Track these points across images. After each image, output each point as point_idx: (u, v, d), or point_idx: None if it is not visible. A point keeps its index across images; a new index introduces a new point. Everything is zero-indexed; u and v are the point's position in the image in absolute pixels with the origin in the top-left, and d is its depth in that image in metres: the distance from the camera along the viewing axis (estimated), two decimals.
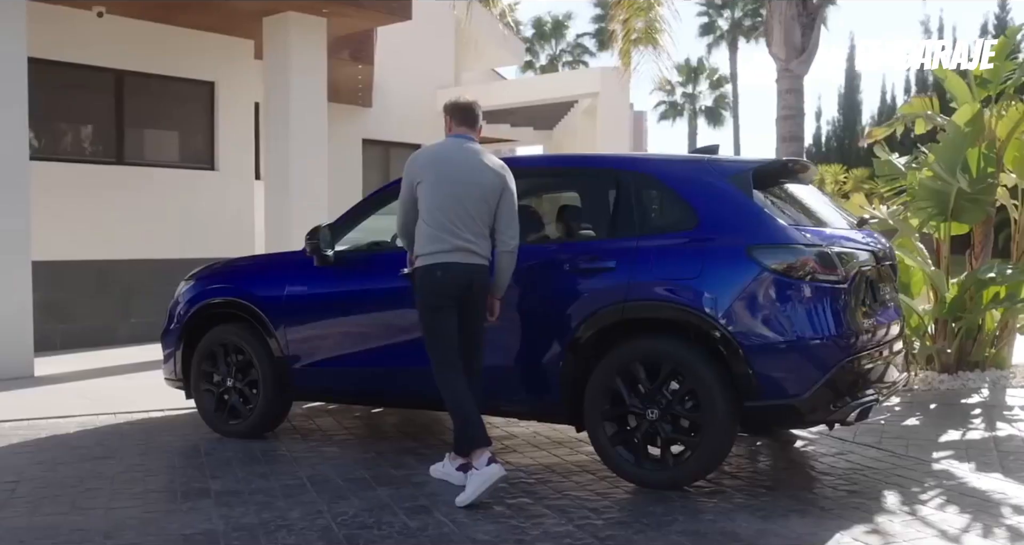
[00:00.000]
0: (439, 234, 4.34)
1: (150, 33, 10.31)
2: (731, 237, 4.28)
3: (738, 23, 43.14)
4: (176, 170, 10.73)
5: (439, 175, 4.38)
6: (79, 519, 4.01)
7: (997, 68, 7.61)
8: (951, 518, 3.90)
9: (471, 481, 4.15)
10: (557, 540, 3.65)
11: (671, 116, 45.51)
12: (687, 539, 3.64)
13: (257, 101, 11.40)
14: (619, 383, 4.39)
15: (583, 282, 4.52)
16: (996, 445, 5.22)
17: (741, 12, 43.02)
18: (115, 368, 8.52)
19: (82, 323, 9.86)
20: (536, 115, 21.10)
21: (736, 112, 44.20)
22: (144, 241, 10.32)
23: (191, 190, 10.76)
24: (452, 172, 4.39)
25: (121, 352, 9.50)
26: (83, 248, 9.84)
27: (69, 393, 7.20)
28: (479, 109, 4.64)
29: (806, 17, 7.55)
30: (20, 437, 5.73)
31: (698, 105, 45.32)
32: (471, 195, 4.37)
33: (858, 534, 3.69)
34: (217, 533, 3.78)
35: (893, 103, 35.18)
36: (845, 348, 4.17)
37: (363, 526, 3.85)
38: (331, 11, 9.83)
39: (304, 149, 9.95)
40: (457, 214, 4.34)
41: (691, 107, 45.33)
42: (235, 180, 11.18)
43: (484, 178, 4.42)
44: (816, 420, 4.25)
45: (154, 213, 10.40)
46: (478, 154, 4.51)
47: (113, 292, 10.12)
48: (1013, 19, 31.02)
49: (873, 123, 35.71)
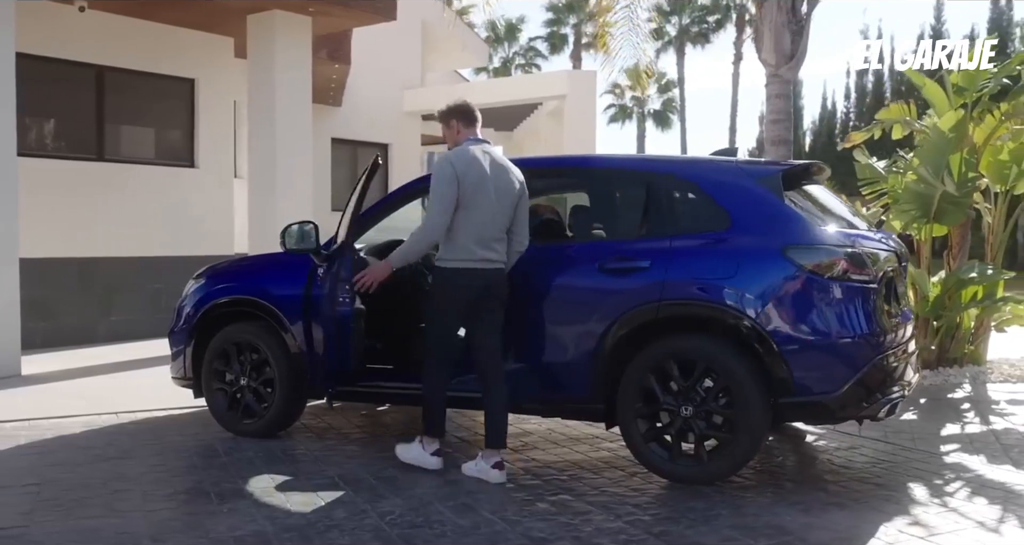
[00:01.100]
0: (473, 247, 4.41)
1: (131, 29, 10.01)
2: (765, 238, 4.30)
3: (685, 29, 43.56)
4: (156, 167, 10.44)
5: (477, 188, 4.40)
6: (119, 522, 3.86)
7: (972, 76, 7.78)
8: (982, 509, 3.96)
9: (414, 449, 4.63)
10: (612, 536, 3.62)
11: (620, 119, 45.82)
12: (738, 533, 3.64)
13: (236, 99, 11.17)
14: (652, 381, 4.38)
15: (617, 281, 4.49)
16: (997, 438, 5.33)
17: (688, 19, 43.42)
18: (102, 367, 8.26)
19: (62, 321, 9.55)
20: (498, 117, 21.05)
21: (683, 115, 44.70)
22: (124, 238, 10.03)
23: (171, 187, 10.49)
24: (487, 184, 4.42)
25: (104, 350, 9.21)
26: (63, 245, 9.53)
27: (63, 392, 6.95)
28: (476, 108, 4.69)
29: (795, 24, 7.65)
30: (25, 438, 5.51)
31: (647, 108, 45.70)
32: (504, 205, 4.49)
33: (901, 526, 3.73)
34: (267, 534, 3.67)
35: (833, 109, 35.86)
36: (876, 346, 4.22)
37: (414, 525, 3.77)
38: (317, 10, 9.67)
39: (289, 148, 9.77)
40: (493, 227, 4.46)
41: (639, 110, 45.69)
42: (215, 178, 10.93)
43: (512, 187, 4.53)
44: (848, 416, 4.29)
45: (134, 210, 10.11)
46: (502, 161, 4.59)
47: (93, 290, 9.82)
48: (948, 30, 31.89)
49: (815, 127, 36.48)
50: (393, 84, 17.44)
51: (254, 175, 9.90)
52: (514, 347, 4.74)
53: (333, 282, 4.76)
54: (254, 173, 9.90)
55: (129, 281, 10.06)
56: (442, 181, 4.40)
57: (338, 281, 4.74)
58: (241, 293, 5.57)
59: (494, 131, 22.46)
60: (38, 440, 5.47)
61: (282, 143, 9.69)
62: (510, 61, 43.64)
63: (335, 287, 4.75)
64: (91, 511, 4.01)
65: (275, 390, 5.41)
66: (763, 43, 7.72)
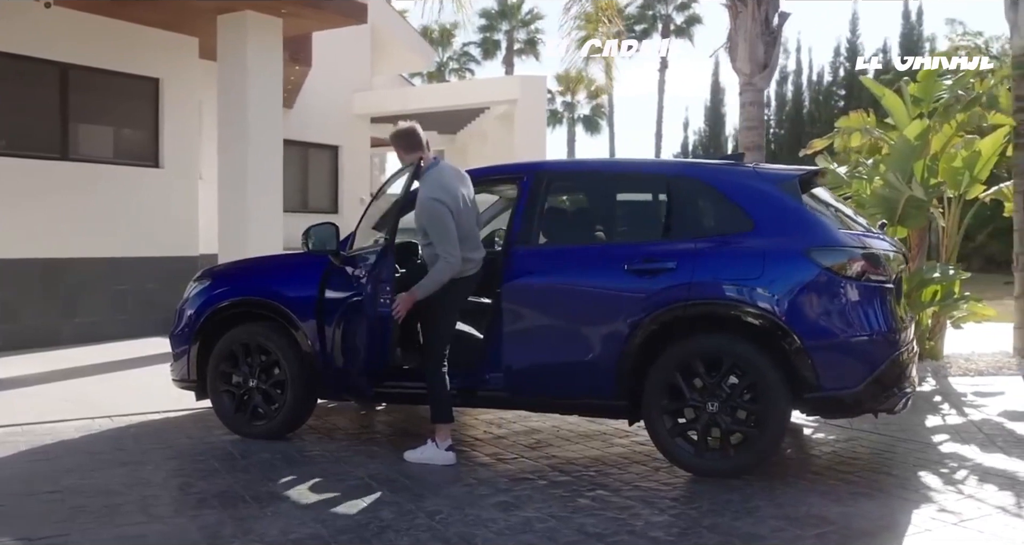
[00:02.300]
0: (468, 255, 4.73)
1: (96, 27, 9.63)
2: (788, 240, 4.39)
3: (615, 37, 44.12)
4: (121, 167, 10.06)
5: (461, 208, 4.72)
6: (164, 529, 3.71)
7: (928, 87, 8.08)
8: (996, 496, 4.11)
9: (428, 449, 4.71)
10: (665, 529, 3.65)
11: (551, 123, 46.00)
12: (785, 523, 3.70)
13: (201, 99, 10.86)
14: (679, 378, 4.43)
15: (643, 282, 4.51)
16: (979, 428, 5.55)
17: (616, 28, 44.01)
18: (79, 370, 7.92)
19: (25, 323, 9.13)
20: (442, 120, 20.98)
21: (612, 121, 45.30)
22: (88, 239, 9.64)
23: (136, 188, 10.13)
24: (465, 200, 4.78)
25: (73, 353, 8.83)
26: (26, 245, 9.11)
27: (49, 396, 6.65)
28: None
29: (768, 35, 7.82)
30: (25, 443, 5.25)
31: (576, 113, 46.08)
32: (474, 210, 4.95)
33: (931, 513, 3.85)
34: (324, 536, 3.58)
35: None
36: (893, 343, 4.35)
37: (467, 524, 3.73)
38: (289, 12, 9.46)
39: (261, 150, 9.52)
40: (473, 232, 4.87)
41: (570, 115, 46.03)
42: (179, 178, 10.60)
43: (472, 192, 4.94)
44: (867, 409, 4.41)
45: (98, 210, 9.73)
46: (457, 170, 5.00)
47: (57, 291, 9.41)
48: (863, 44, 32.99)
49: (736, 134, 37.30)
50: (343, 87, 17.22)
51: (224, 177, 9.63)
52: (539, 347, 4.74)
53: (375, 283, 4.68)
54: (224, 175, 9.63)
55: (94, 282, 9.68)
56: (440, 218, 4.62)
57: (379, 282, 4.65)
58: (251, 294, 5.43)
59: (437, 134, 22.37)
60: (39, 446, 5.22)
61: (254, 145, 9.45)
62: (444, 66, 43.48)
63: (376, 288, 4.67)
64: (130, 518, 3.85)
65: (286, 391, 5.28)
66: (737, 53, 7.87)
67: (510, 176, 5.29)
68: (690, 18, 43.73)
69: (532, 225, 4.88)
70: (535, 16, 43.86)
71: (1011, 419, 5.80)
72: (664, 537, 3.56)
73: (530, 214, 4.88)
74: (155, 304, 10.23)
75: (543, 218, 4.92)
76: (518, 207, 4.93)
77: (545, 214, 4.95)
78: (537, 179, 4.96)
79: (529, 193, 4.91)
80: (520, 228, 4.87)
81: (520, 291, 4.77)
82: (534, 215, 4.89)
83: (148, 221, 10.19)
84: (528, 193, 4.91)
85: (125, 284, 9.95)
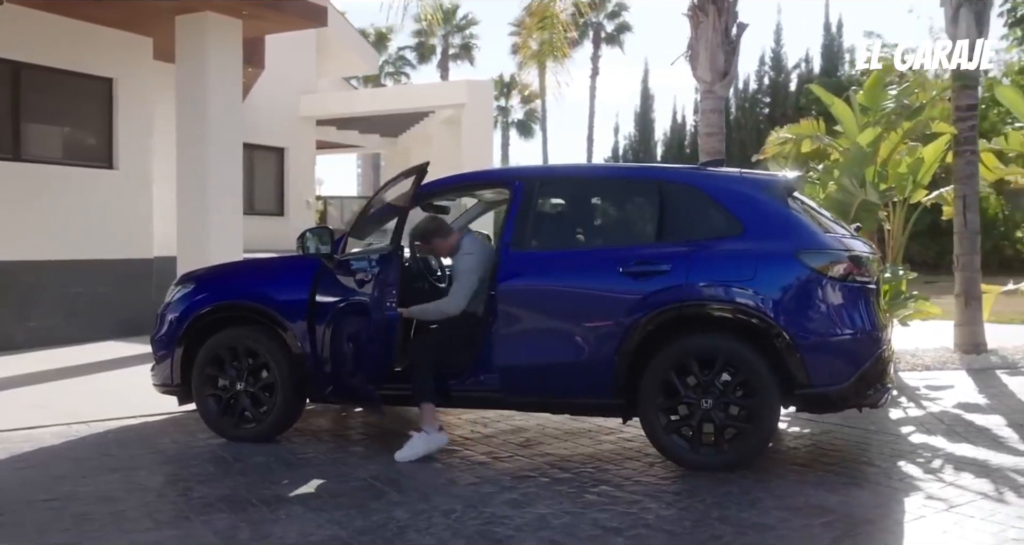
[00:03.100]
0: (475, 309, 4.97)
1: (49, 25, 9.27)
2: (777, 243, 4.50)
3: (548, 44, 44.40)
4: (74, 168, 9.71)
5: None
6: (179, 533, 3.63)
7: (875, 97, 8.36)
8: (975, 483, 4.29)
9: (418, 441, 4.74)
10: (677, 522, 3.71)
11: None
12: (789, 514, 3.80)
13: (156, 100, 10.58)
14: (674, 376, 4.50)
15: (639, 284, 4.57)
16: (940, 420, 5.77)
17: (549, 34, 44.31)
18: (37, 375, 7.58)
19: None
20: (384, 123, 20.84)
21: (544, 125, 45.47)
22: (41, 241, 9.28)
23: (89, 189, 9.80)
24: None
25: (29, 358, 8.48)
26: None
27: (17, 402, 6.40)
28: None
29: (728, 45, 7.99)
30: (5, 451, 5.05)
31: (510, 118, 46.18)
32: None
33: (921, 500, 4.00)
34: (344, 538, 3.55)
35: (683, 122, 37.31)
36: (877, 341, 4.50)
37: (485, 521, 3.73)
38: (251, 14, 9.27)
39: (222, 153, 9.31)
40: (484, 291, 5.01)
41: (503, 120, 46.09)
42: (134, 180, 10.28)
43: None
44: (855, 404, 4.55)
45: (51, 212, 9.37)
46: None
47: (9, 295, 9.04)
48: (787, 53, 33.88)
49: (666, 139, 38.00)
50: (289, 89, 16.96)
51: (184, 179, 9.38)
52: (536, 349, 4.76)
53: (382, 287, 4.63)
54: (184, 177, 9.38)
55: (47, 285, 9.32)
56: (472, 272, 4.95)
57: (386, 286, 4.61)
58: (242, 298, 5.32)
59: (379, 136, 22.23)
60: (21, 453, 5.03)
61: (215, 147, 9.23)
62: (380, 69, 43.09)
63: (384, 291, 4.62)
64: (138, 524, 3.74)
65: (276, 394, 5.20)
66: (698, 61, 8.02)
67: (501, 180, 5.31)
68: (620, 26, 44.26)
69: (526, 229, 4.89)
70: (470, 22, 43.85)
71: (967, 411, 6.06)
72: (679, 530, 3.63)
73: (524, 218, 4.90)
74: (110, 307, 9.93)
75: (537, 222, 4.95)
76: (512, 211, 4.94)
77: (539, 218, 4.98)
78: (530, 184, 4.98)
79: (523, 198, 4.93)
80: (514, 232, 4.88)
81: (516, 293, 4.78)
82: (528, 219, 4.91)
83: (102, 223, 9.86)
84: (522, 198, 4.93)
85: (79, 287, 9.62)
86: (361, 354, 4.79)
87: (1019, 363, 7.89)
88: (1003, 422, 5.66)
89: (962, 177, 8.28)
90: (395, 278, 4.65)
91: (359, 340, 4.78)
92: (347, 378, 4.89)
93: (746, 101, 35.25)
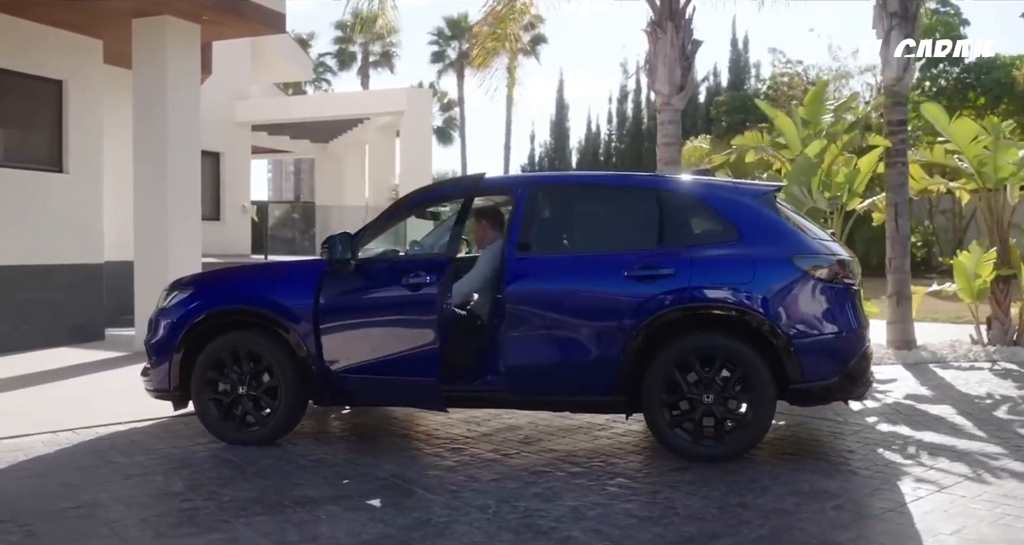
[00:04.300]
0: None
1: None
2: (772, 248, 4.73)
3: (465, 53, 44.44)
4: (23, 171, 9.29)
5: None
6: (226, 536, 3.58)
7: (815, 111, 8.79)
8: (953, 466, 4.58)
9: None
10: (703, 509, 3.86)
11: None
12: (800, 498, 4.01)
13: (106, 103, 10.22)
14: (677, 374, 4.67)
15: (644, 287, 4.72)
16: (897, 410, 6.12)
17: (468, 44, 44.44)
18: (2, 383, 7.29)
19: None
20: (314, 129, 20.59)
21: (463, 133, 45.57)
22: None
23: (39, 193, 9.39)
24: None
25: None
26: None
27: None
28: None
29: (684, 60, 8.26)
30: (10, 460, 4.85)
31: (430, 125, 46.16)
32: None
33: (912, 483, 4.26)
34: (394, 535, 3.57)
35: (598, 131, 37.96)
36: (862, 338, 4.78)
37: (523, 514, 3.80)
38: (211, 19, 9.08)
39: (181, 157, 9.09)
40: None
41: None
42: (84, 184, 9.90)
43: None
44: (842, 397, 4.81)
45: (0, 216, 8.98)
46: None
47: None
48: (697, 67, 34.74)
49: (580, 147, 38.61)
50: (224, 94, 16.57)
51: (141, 183, 9.10)
52: (543, 349, 4.86)
53: (443, 289, 4.75)
54: (141, 181, 9.10)
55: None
56: (486, 268, 5.32)
57: (446, 289, 4.74)
58: (247, 303, 5.25)
59: (310, 142, 21.94)
60: (16, 462, 4.84)
61: (174, 152, 9.01)
62: None
63: (444, 293, 4.74)
64: (181, 529, 3.67)
65: (280, 397, 5.15)
66: (656, 75, 8.27)
67: (506, 187, 5.40)
68: (536, 38, 44.74)
69: (530, 234, 4.99)
70: (390, 30, 43.54)
71: (918, 401, 6.44)
72: (708, 517, 3.78)
73: (528, 224, 5.00)
74: (61, 313, 9.56)
75: (541, 227, 5.05)
76: (516, 217, 5.02)
77: (543, 224, 5.09)
78: (534, 191, 5.09)
79: (527, 204, 5.02)
80: (520, 237, 4.97)
81: (523, 297, 4.87)
82: (532, 225, 5.01)
83: (52, 227, 9.48)
84: (526, 204, 5.02)
85: (30, 293, 9.22)
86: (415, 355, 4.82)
87: (946, 357, 8.40)
88: (953, 411, 6.04)
89: (894, 186, 8.77)
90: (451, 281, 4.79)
91: (403, 341, 4.85)
92: (380, 379, 4.92)
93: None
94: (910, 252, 9.14)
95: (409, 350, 4.86)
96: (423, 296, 4.85)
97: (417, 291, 4.88)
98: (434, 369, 4.81)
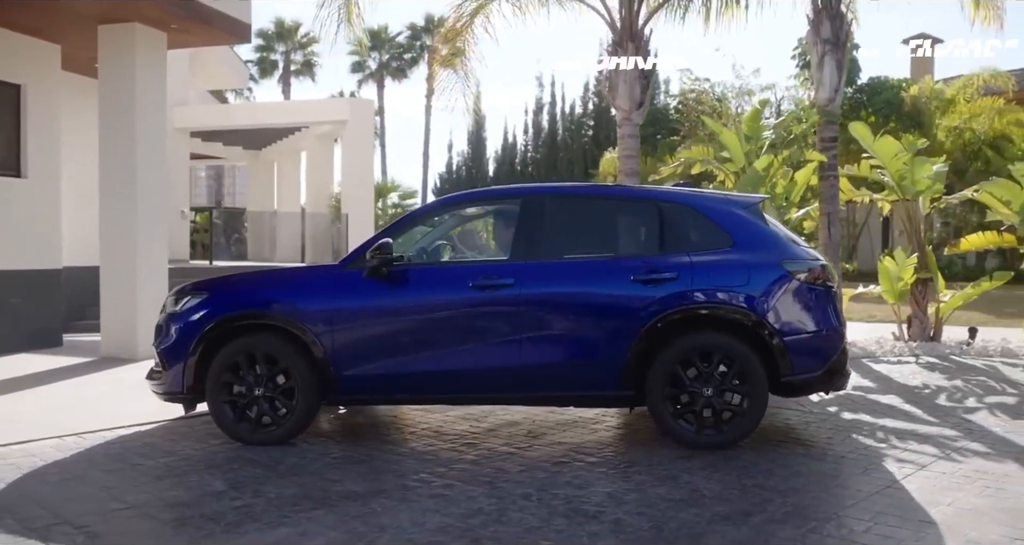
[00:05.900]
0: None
1: None
2: (763, 254, 5.04)
3: (385, 64, 44.29)
4: None
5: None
6: (295, 530, 3.62)
7: (756, 127, 9.27)
8: (923, 448, 4.99)
9: None
10: (725, 492, 4.11)
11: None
12: (804, 480, 4.31)
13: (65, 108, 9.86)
14: (679, 369, 4.93)
15: (649, 289, 4.97)
16: (852, 401, 6.54)
17: (388, 55, 44.25)
18: None
19: None
20: (248, 136, 20.18)
21: (383, 141, 45.26)
22: None
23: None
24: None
25: None
26: None
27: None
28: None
29: (643, 79, 8.58)
30: (23, 466, 4.72)
31: None
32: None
33: (895, 464, 4.62)
34: (455, 525, 3.67)
35: (514, 141, 38.32)
36: (842, 335, 5.14)
37: (568, 501, 3.96)
38: (179, 27, 8.89)
39: (149, 163, 8.86)
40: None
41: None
42: (43, 189, 9.51)
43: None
44: (826, 388, 5.17)
45: None
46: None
47: None
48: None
49: (497, 157, 38.93)
50: None
51: (108, 189, 8.83)
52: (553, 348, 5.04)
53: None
54: (108, 187, 8.83)
55: None
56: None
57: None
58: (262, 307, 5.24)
59: (242, 149, 21.47)
60: (36, 468, 4.71)
61: (143, 158, 8.77)
62: None
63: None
64: (244, 526, 3.69)
65: (297, 398, 5.17)
66: (617, 92, 8.56)
67: (517, 197, 5.56)
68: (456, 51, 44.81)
69: (539, 241, 5.17)
70: (311, 39, 42.92)
71: (867, 393, 6.89)
72: (733, 497, 4.03)
73: (536, 231, 5.18)
74: (19, 319, 9.17)
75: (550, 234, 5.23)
76: (524, 225, 5.20)
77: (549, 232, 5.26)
78: (540, 201, 5.28)
79: (534, 213, 5.21)
80: (528, 244, 5.14)
81: (535, 299, 5.04)
82: (541, 232, 5.19)
83: (10, 233, 9.09)
84: (533, 213, 5.21)
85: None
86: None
87: (875, 353, 8.98)
88: (900, 400, 6.51)
89: (827, 197, 9.32)
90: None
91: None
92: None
93: (572, 123, 36.82)
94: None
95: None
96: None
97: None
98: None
